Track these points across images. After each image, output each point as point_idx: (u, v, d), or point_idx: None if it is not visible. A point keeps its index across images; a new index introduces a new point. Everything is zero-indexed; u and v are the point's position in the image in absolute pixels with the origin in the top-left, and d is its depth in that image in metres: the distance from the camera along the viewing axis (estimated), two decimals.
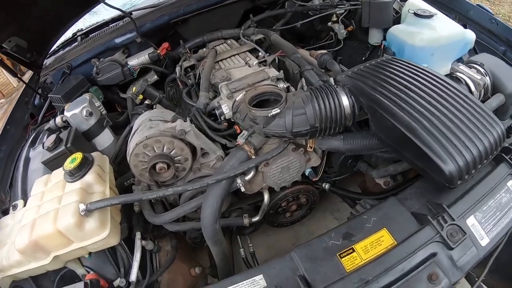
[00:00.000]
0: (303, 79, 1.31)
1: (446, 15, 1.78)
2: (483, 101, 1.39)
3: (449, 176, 0.96)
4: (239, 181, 1.25)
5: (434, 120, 1.04)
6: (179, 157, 1.24)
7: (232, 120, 1.32)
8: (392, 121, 1.08)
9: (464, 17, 1.81)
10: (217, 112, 1.33)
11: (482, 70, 1.41)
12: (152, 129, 1.21)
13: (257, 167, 1.30)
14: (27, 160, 1.45)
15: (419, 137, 1.01)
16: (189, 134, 1.19)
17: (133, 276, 1.21)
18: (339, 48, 2.02)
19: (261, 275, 0.97)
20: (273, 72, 1.39)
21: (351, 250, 1.00)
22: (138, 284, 1.25)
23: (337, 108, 1.16)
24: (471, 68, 1.43)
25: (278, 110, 1.12)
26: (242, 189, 1.26)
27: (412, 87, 1.17)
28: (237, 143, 1.19)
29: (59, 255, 1.13)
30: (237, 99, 1.27)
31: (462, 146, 0.99)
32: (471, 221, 1.03)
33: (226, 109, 1.31)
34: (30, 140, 1.52)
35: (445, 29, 1.62)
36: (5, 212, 1.32)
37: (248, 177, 1.27)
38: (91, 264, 1.25)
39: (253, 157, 1.24)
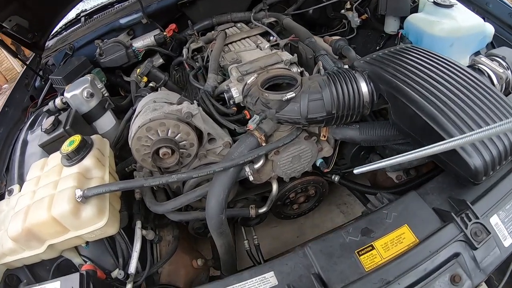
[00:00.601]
0: (320, 62, 1.19)
1: (465, 7, 1.67)
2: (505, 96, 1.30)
3: (475, 171, 0.89)
4: (247, 169, 1.13)
5: (458, 111, 0.96)
6: (184, 142, 1.12)
7: (242, 105, 1.20)
8: (414, 109, 0.99)
9: (483, 10, 1.69)
10: (226, 95, 1.21)
11: (504, 63, 1.33)
12: (156, 111, 1.09)
13: (267, 155, 1.18)
14: (25, 143, 1.34)
15: (444, 128, 0.93)
16: (196, 117, 1.07)
17: (132, 268, 1.11)
18: (352, 37, 1.89)
19: (272, 272, 0.87)
20: (286, 55, 1.26)
21: (371, 248, 0.90)
22: (137, 276, 1.15)
23: (356, 95, 1.05)
24: (493, 60, 1.34)
25: (293, 94, 1.00)
26: (251, 178, 1.15)
27: (435, 76, 1.08)
28: (247, 128, 1.07)
29: (54, 243, 1.03)
30: (248, 82, 1.14)
31: (488, 140, 0.91)
32: (494, 220, 0.95)
33: (235, 92, 1.19)
34: (28, 122, 1.41)
35: (465, 20, 1.54)
36: (1, 197, 1.22)
37: (257, 166, 1.16)
38: (88, 253, 1.16)
39: (264, 144, 1.12)
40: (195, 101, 1.11)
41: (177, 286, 1.32)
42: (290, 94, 1.00)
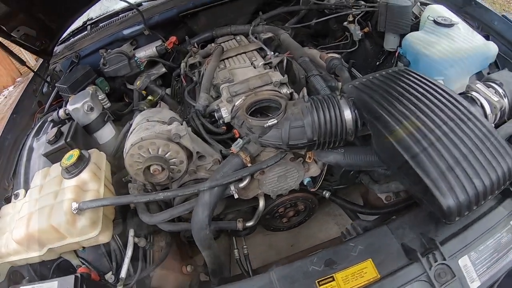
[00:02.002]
0: (304, 89, 1.27)
1: (469, 23, 1.68)
2: (498, 125, 1.30)
3: (447, 212, 0.91)
4: (232, 188, 1.24)
5: (439, 147, 0.97)
6: (174, 159, 1.24)
7: (232, 124, 1.31)
8: (394, 143, 1.02)
9: (488, 28, 1.69)
10: (216, 115, 1.31)
11: (500, 90, 1.29)
12: (148, 130, 1.21)
13: (253, 174, 1.29)
14: (31, 150, 1.49)
15: (420, 165, 0.95)
16: (184, 138, 1.19)
17: (123, 272, 1.25)
18: (354, 50, 1.95)
19: None
20: (277, 76, 1.35)
21: (331, 279, 0.96)
22: (129, 279, 1.29)
23: (338, 122, 1.12)
24: (488, 87, 1.31)
25: (275, 121, 1.10)
26: (235, 196, 1.26)
27: (422, 106, 1.10)
28: (230, 151, 1.18)
29: (53, 247, 1.18)
30: (236, 104, 1.25)
31: (466, 179, 0.93)
32: (463, 262, 0.98)
33: (225, 112, 1.29)
34: (35, 129, 1.56)
35: (465, 40, 1.54)
36: (7, 200, 1.38)
37: (242, 185, 1.26)
38: (85, 256, 1.30)
39: (249, 164, 1.22)
40: (184, 122, 1.23)
41: None
42: (272, 121, 1.09)
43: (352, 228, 1.28)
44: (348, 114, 1.13)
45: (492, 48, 1.55)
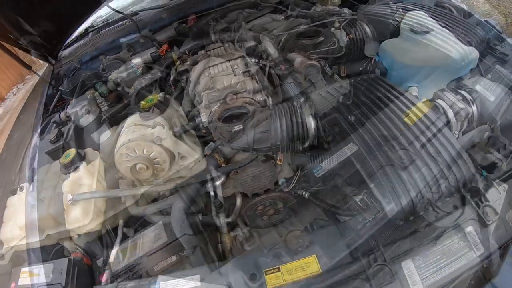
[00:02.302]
0: (269, 97, 1.46)
1: (451, 28, 1.79)
2: (466, 132, 1.43)
3: (389, 215, 1.02)
4: (208, 185, 1.44)
5: (390, 154, 1.10)
6: (158, 159, 1.46)
7: (209, 128, 1.52)
8: (346, 149, 1.20)
9: (470, 33, 1.80)
10: (196, 119, 1.52)
11: (469, 97, 1.42)
12: (134, 133, 1.44)
13: (228, 174, 1.49)
14: (35, 148, 1.75)
15: (367, 170, 1.09)
16: (165, 140, 1.41)
17: (111, 258, 1.48)
18: (341, 55, 2.10)
19: (199, 275, 1.14)
20: (252, 84, 1.55)
21: (277, 270, 1.10)
22: (118, 265, 1.52)
23: (300, 129, 1.30)
24: (457, 94, 1.43)
25: (241, 127, 1.30)
26: (211, 193, 1.46)
27: (382, 116, 1.25)
28: (205, 154, 1.39)
29: (51, 234, 1.43)
30: (212, 110, 1.46)
31: (412, 185, 1.02)
32: (407, 264, 1.04)
33: (204, 117, 1.50)
34: (39, 129, 1.83)
35: (441, 47, 1.62)
36: (13, 192, 1.64)
37: (217, 183, 1.46)
38: (80, 242, 1.54)
39: (223, 165, 1.43)
40: (166, 126, 1.45)
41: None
42: (238, 127, 1.30)
43: (310, 226, 1.45)
44: (310, 121, 1.31)
45: (472, 54, 1.63)
